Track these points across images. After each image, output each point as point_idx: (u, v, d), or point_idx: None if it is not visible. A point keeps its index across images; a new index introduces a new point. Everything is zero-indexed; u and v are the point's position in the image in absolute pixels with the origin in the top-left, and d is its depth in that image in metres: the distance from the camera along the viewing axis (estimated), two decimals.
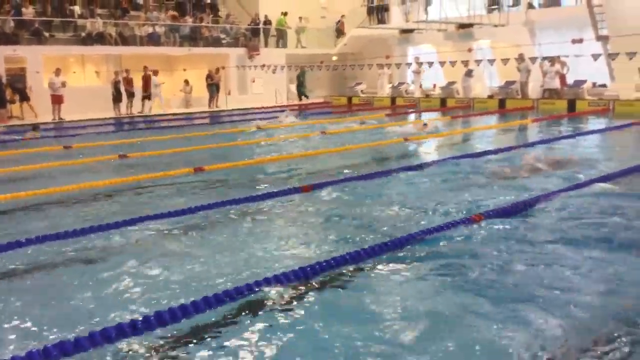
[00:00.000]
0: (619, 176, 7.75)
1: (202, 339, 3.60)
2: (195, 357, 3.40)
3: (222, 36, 25.55)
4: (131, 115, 20.63)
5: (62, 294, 4.34)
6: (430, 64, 21.92)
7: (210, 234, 5.79)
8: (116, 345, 3.45)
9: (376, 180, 8.08)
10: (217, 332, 3.68)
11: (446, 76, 23.54)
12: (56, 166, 9.98)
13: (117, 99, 20.53)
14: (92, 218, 6.31)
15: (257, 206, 6.75)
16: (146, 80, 21.32)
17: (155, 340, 3.54)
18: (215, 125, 17.45)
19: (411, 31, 24.49)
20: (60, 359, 3.28)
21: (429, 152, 11.43)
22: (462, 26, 21.96)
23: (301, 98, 25.46)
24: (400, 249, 5.00)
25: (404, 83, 25.78)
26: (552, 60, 19.40)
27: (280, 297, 4.09)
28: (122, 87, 20.62)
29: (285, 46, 26.96)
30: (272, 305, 4.00)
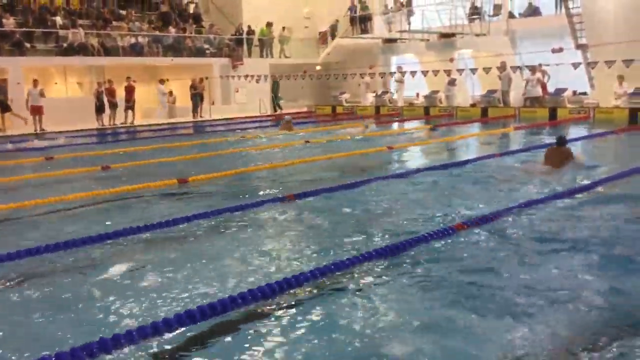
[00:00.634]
0: (605, 182, 7.86)
1: (187, 352, 3.57)
2: None
3: (206, 46, 25.53)
4: (114, 126, 20.49)
5: (46, 307, 4.28)
6: (414, 73, 22.08)
7: (195, 244, 5.75)
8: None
9: (360, 188, 8.10)
10: (202, 346, 3.65)
11: (429, 85, 23.71)
12: (37, 177, 9.87)
13: (100, 109, 20.39)
14: (74, 231, 6.23)
15: (241, 216, 6.74)
16: (129, 91, 21.21)
17: (135, 353, 3.51)
18: (199, 136, 17.38)
19: (394, 41, 24.68)
20: None
21: (413, 160, 11.48)
22: (444, 36, 22.18)
23: (275, 109, 25.05)
24: (385, 257, 5.01)
25: (387, 92, 25.92)
26: (533, 69, 19.63)
27: (265, 308, 4.08)
28: (104, 97, 20.49)
29: (269, 56, 27.01)
30: (257, 317, 3.98)
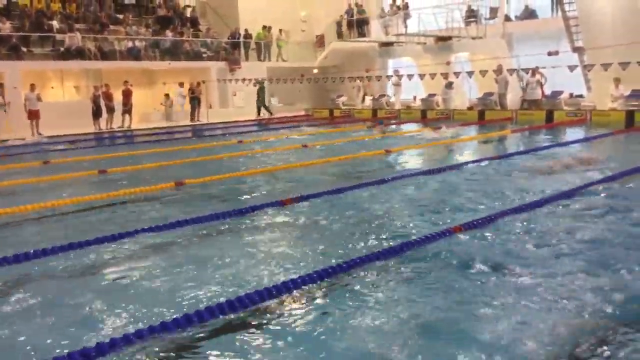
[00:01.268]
0: (602, 183, 7.88)
1: (184, 355, 3.56)
2: None
3: (203, 50, 25.55)
4: (111, 130, 20.47)
5: (45, 311, 4.27)
6: (411, 76, 22.13)
7: (192, 248, 5.73)
8: None
9: (358, 192, 8.10)
10: (201, 349, 3.64)
11: (426, 88, 23.76)
12: (34, 182, 9.85)
13: (97, 114, 20.38)
14: (71, 235, 6.21)
15: (239, 220, 6.73)
16: (126, 95, 21.22)
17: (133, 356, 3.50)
18: (196, 139, 17.37)
19: (391, 44, 24.73)
20: None
21: (410, 163, 11.48)
22: (440, 39, 22.23)
23: (259, 113, 24.78)
24: (383, 260, 5.00)
25: (384, 95, 25.98)
26: (533, 71, 19.67)
27: (263, 312, 4.07)
28: (101, 102, 20.48)
29: (266, 59, 27.04)
30: (255, 320, 3.97)
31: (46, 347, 3.68)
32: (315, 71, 28.15)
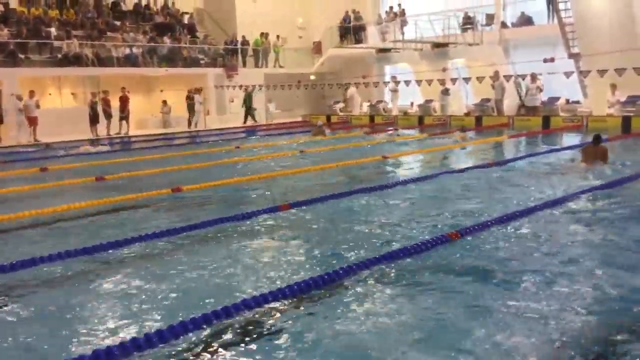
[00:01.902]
0: (598, 189, 7.90)
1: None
2: None
3: (200, 56, 25.59)
4: (109, 137, 20.47)
5: (42, 319, 4.26)
6: (408, 82, 22.18)
7: (190, 254, 5.73)
8: None
9: (355, 197, 8.11)
10: (198, 356, 3.64)
11: (423, 94, 23.82)
12: (32, 189, 9.84)
13: (94, 120, 20.39)
14: (67, 242, 6.21)
15: (236, 226, 6.73)
16: (123, 101, 21.23)
17: None
18: (194, 145, 17.38)
19: (388, 50, 24.80)
20: None
21: (408, 169, 11.50)
22: (437, 45, 22.30)
23: (246, 120, 24.55)
24: (380, 265, 5.01)
25: (381, 101, 26.03)
26: (533, 77, 19.68)
27: (260, 317, 4.07)
28: (99, 108, 20.50)
29: (264, 65, 27.09)
30: (253, 326, 3.97)
31: (41, 354, 3.67)
32: (313, 77, 28.20)
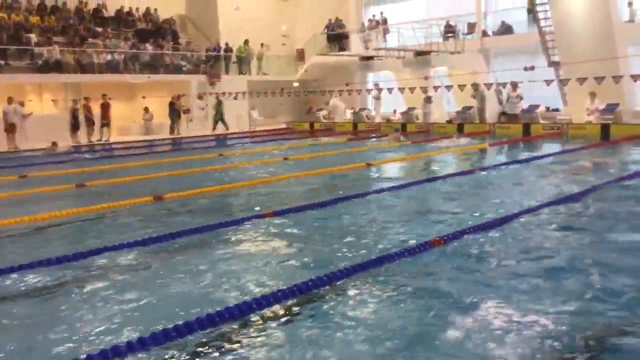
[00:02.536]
0: (573, 199, 7.99)
1: None
2: None
3: (183, 63, 25.51)
4: (90, 144, 20.27)
5: (21, 328, 4.19)
6: (390, 89, 22.33)
7: (172, 263, 5.69)
8: None
9: (338, 205, 8.12)
10: None
11: (406, 102, 23.98)
12: (10, 196, 9.70)
13: (75, 127, 20.20)
14: (48, 250, 6.13)
15: (219, 234, 6.69)
16: (105, 108, 21.08)
17: None
18: (176, 152, 17.28)
19: (371, 58, 24.95)
20: None
21: (390, 176, 11.56)
22: (419, 53, 22.49)
23: (215, 127, 24.12)
24: (363, 272, 5.01)
25: (365, 109, 26.15)
26: (514, 85, 19.92)
27: (244, 326, 4.05)
28: (80, 115, 20.31)
29: (247, 73, 27.08)
30: (236, 334, 3.95)
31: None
32: (296, 85, 28.26)
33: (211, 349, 3.77)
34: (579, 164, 11.49)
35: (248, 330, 4.02)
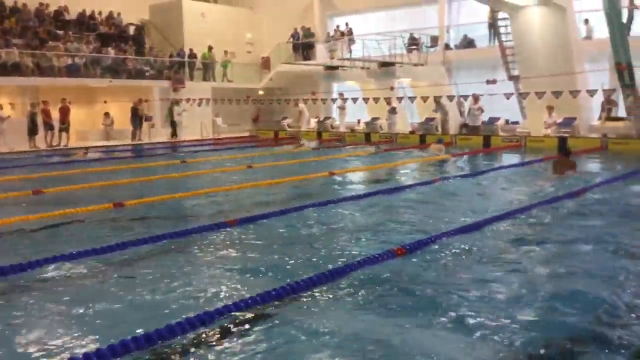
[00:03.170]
0: (528, 209, 8.18)
1: None
2: None
3: (146, 68, 25.17)
4: (48, 149, 19.77)
5: None
6: (355, 99, 22.50)
7: (132, 273, 5.57)
8: None
9: (302, 213, 8.11)
10: None
11: (370, 112, 24.19)
12: None
13: (33, 131, 19.68)
14: (2, 258, 5.92)
15: (181, 242, 6.59)
16: (64, 112, 20.62)
17: None
18: (138, 159, 17.00)
19: (336, 68, 25.12)
20: None
21: (355, 185, 11.61)
22: (383, 64, 22.74)
23: (173, 135, 23.89)
24: (326, 282, 5.01)
25: (329, 118, 26.27)
26: (475, 98, 20.35)
27: (205, 336, 3.99)
28: (38, 119, 19.81)
29: (211, 79, 26.89)
30: (197, 345, 3.88)
31: None
32: (261, 93, 28.21)
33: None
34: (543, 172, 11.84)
35: (208, 341, 3.96)
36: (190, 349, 3.84)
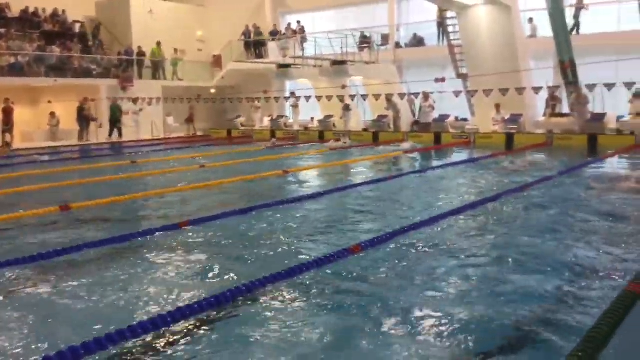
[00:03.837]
0: (477, 205, 8.38)
1: None
2: None
3: (93, 67, 24.49)
4: None
5: None
6: (308, 98, 22.52)
7: (80, 277, 5.40)
8: None
9: (256, 213, 8.06)
10: None
11: (323, 110, 24.26)
12: None
13: None
14: None
15: (131, 245, 6.45)
16: (7, 113, 19.87)
17: None
18: (85, 160, 16.53)
19: (288, 66, 25.08)
20: None
21: (309, 183, 11.62)
22: (336, 63, 22.84)
23: (112, 134, 23.05)
24: (280, 282, 4.99)
25: (283, 116, 26.21)
26: (425, 96, 20.72)
27: (156, 341, 3.91)
28: None
29: (161, 78, 26.40)
30: (149, 350, 3.81)
31: None
32: (213, 91, 27.87)
33: None
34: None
35: (160, 345, 3.89)
36: (140, 354, 3.76)
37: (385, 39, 25.18)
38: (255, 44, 27.44)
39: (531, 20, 22.04)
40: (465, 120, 21.73)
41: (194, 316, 4.25)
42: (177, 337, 4.00)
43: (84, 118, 22.15)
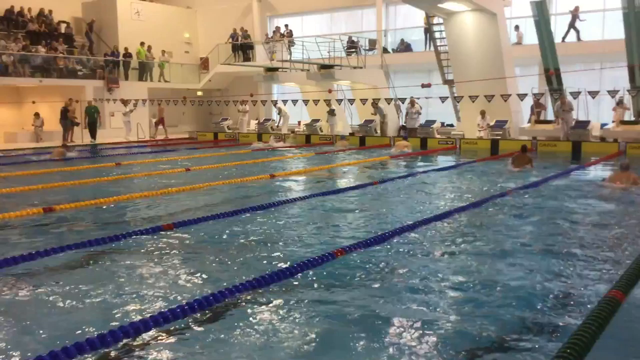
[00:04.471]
0: (463, 210, 8.43)
1: None
2: None
3: (78, 68, 24.31)
4: None
5: None
6: (295, 101, 22.53)
7: (62, 279, 5.35)
8: None
9: (241, 216, 8.03)
10: None
11: (310, 114, 24.28)
12: None
13: None
14: None
15: (115, 247, 6.40)
16: None
17: None
18: (70, 162, 16.37)
19: (276, 70, 25.09)
20: None
21: (295, 187, 11.61)
22: (323, 67, 22.90)
23: (93, 135, 22.78)
24: (265, 286, 4.98)
25: (270, 119, 26.19)
26: (412, 101, 20.85)
27: (140, 344, 3.88)
28: None
29: (148, 79, 26.28)
30: (133, 353, 3.77)
31: None
32: (200, 94, 27.80)
33: None
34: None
35: (145, 348, 3.86)
36: (127, 356, 3.73)
37: (373, 44, 25.29)
38: (243, 47, 27.43)
39: (517, 27, 22.26)
40: (451, 126, 21.87)
41: (175, 320, 4.22)
42: (156, 341, 3.97)
43: (67, 119, 21.96)
